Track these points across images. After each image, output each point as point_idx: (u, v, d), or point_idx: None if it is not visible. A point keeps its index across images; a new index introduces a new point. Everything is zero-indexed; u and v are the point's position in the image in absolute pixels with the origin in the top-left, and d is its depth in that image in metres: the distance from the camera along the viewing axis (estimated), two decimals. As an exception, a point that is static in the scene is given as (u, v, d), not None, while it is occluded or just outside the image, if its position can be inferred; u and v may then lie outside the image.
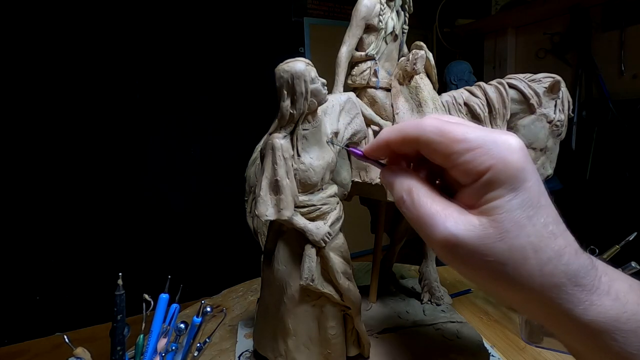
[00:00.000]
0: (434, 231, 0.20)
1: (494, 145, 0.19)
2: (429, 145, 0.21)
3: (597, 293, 0.20)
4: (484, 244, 0.19)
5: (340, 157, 0.44)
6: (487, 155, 0.19)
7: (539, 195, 0.20)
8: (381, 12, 0.48)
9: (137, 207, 1.49)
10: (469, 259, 0.20)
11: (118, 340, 0.37)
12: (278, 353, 0.42)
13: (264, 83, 1.53)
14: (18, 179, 1.29)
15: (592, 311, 0.19)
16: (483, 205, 0.20)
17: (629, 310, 0.19)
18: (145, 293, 0.43)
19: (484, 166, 0.19)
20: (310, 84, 0.34)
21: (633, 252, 0.51)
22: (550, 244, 0.19)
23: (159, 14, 1.46)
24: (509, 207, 0.19)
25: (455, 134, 0.20)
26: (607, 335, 0.19)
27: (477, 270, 0.20)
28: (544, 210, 0.20)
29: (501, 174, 0.19)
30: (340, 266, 0.40)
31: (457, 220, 0.20)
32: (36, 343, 1.32)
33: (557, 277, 0.19)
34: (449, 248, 0.20)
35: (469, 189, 0.21)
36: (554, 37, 1.44)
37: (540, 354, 0.51)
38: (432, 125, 0.21)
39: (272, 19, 1.68)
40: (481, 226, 0.20)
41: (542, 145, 0.49)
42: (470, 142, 0.20)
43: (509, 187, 0.19)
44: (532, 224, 0.19)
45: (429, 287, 0.58)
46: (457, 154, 0.20)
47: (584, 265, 0.20)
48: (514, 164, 0.19)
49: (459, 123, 0.21)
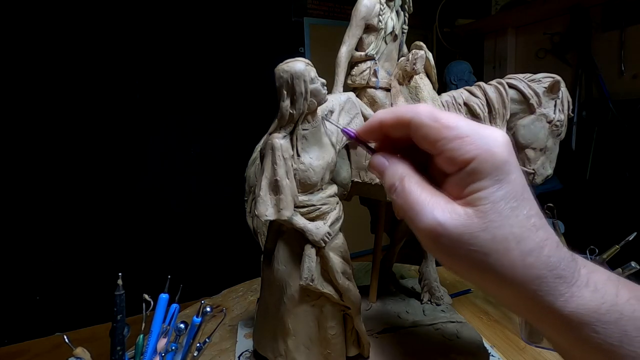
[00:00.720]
0: (422, 218, 0.21)
1: (481, 137, 0.20)
2: (420, 129, 0.22)
3: (577, 285, 0.20)
4: (468, 233, 0.20)
5: (340, 157, 0.44)
6: (474, 144, 0.20)
7: (523, 188, 0.20)
8: (381, 12, 0.48)
9: (137, 207, 1.49)
10: (453, 248, 0.20)
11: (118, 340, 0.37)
12: (278, 353, 0.42)
13: (264, 83, 1.53)
14: (18, 179, 1.29)
15: (573, 303, 0.20)
16: (468, 196, 0.20)
17: (608, 301, 0.20)
18: (145, 293, 0.43)
19: (469, 155, 0.20)
20: (309, 84, 0.35)
21: (633, 252, 0.51)
22: (532, 235, 0.20)
23: (159, 14, 1.46)
24: (493, 198, 0.20)
25: (446, 120, 0.21)
26: (588, 327, 0.20)
27: (460, 260, 0.21)
28: (527, 203, 0.20)
29: (486, 164, 0.20)
30: (340, 266, 0.40)
31: (444, 209, 0.21)
32: (36, 343, 1.32)
33: (538, 269, 0.20)
34: (434, 236, 0.21)
35: (454, 178, 0.21)
36: (554, 37, 1.44)
37: (540, 354, 0.51)
38: (426, 109, 0.22)
39: (272, 19, 1.68)
40: (466, 216, 0.20)
41: (542, 145, 0.49)
42: (459, 129, 0.20)
43: (494, 179, 0.20)
44: (515, 215, 0.20)
45: (429, 287, 0.58)
46: (445, 139, 0.20)
47: (564, 258, 0.20)
48: (499, 156, 0.20)
49: (453, 114, 0.22)
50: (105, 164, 1.42)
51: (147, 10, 1.44)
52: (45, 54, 1.29)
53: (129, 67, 1.43)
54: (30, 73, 1.27)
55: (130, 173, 1.47)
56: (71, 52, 1.32)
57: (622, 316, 0.20)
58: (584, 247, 0.54)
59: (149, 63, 1.46)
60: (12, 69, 1.25)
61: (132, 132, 1.46)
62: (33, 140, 1.30)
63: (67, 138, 1.35)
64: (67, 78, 1.33)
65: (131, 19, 1.41)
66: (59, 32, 1.30)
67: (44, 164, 1.32)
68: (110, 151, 1.42)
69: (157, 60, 1.47)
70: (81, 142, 1.37)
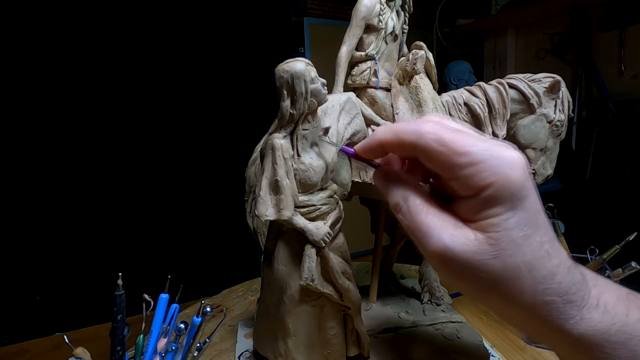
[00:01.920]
0: (429, 242, 0.20)
1: (497, 161, 0.19)
2: (427, 154, 0.20)
3: (587, 307, 0.20)
4: (478, 260, 0.19)
5: (340, 157, 0.44)
6: (490, 171, 0.19)
7: (537, 214, 0.20)
8: (381, 12, 0.48)
9: (137, 207, 1.49)
10: (462, 273, 0.20)
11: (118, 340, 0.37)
12: (278, 353, 0.42)
13: (264, 83, 1.53)
14: (18, 179, 1.29)
15: (582, 325, 0.19)
16: (481, 221, 0.20)
17: (618, 322, 0.20)
18: (145, 293, 0.43)
19: (485, 182, 0.19)
20: (310, 84, 0.34)
21: (633, 252, 0.51)
22: (545, 263, 0.19)
23: (159, 14, 1.46)
24: (506, 226, 0.19)
25: (457, 145, 0.19)
26: (597, 348, 0.19)
27: (469, 284, 0.20)
28: (541, 230, 0.20)
29: (502, 191, 0.19)
30: (340, 266, 0.40)
31: (452, 234, 0.20)
32: (36, 343, 1.32)
33: (549, 295, 0.19)
34: (442, 260, 0.20)
35: (468, 201, 0.20)
36: (554, 37, 1.44)
37: (540, 354, 0.51)
38: (431, 132, 0.20)
39: (272, 19, 1.68)
40: (477, 241, 0.19)
41: (542, 145, 0.49)
42: (472, 155, 0.19)
43: (509, 205, 0.19)
44: (528, 243, 0.19)
45: (429, 287, 0.58)
46: (458, 167, 0.19)
47: (576, 282, 0.20)
48: (516, 182, 0.19)
49: (460, 131, 0.20)
50: (105, 163, 1.42)
51: (146, 9, 1.43)
52: (45, 54, 1.29)
53: (129, 67, 1.43)
54: (30, 73, 1.27)
55: (130, 173, 1.47)
56: (71, 52, 1.32)
57: (631, 337, 0.19)
58: (584, 247, 0.54)
59: (149, 63, 1.46)
60: (12, 68, 1.24)
61: (132, 132, 1.46)
62: (33, 140, 1.30)
63: (67, 138, 1.35)
64: (67, 78, 1.33)
65: (131, 19, 1.41)
66: (58, 31, 1.30)
67: (43, 164, 1.32)
68: (110, 151, 1.42)
69: (157, 60, 1.47)
70: (81, 142, 1.37)
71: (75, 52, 1.33)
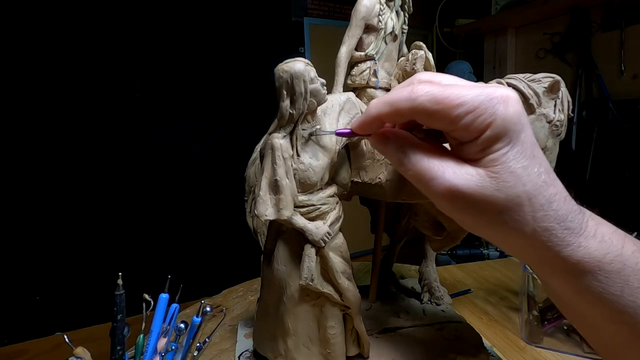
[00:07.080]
0: (435, 183, 0.21)
1: (491, 102, 0.20)
2: (425, 115, 0.21)
3: (584, 235, 0.21)
4: (482, 193, 0.20)
5: (340, 157, 0.44)
6: (486, 113, 0.20)
7: (533, 147, 0.21)
8: (381, 12, 0.48)
9: (137, 206, 1.49)
10: (467, 207, 0.21)
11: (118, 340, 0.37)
12: (278, 353, 0.42)
13: (264, 83, 1.53)
14: (18, 178, 1.29)
15: (580, 252, 0.20)
16: (482, 159, 0.21)
17: (613, 252, 0.21)
18: (145, 293, 0.43)
19: (483, 125, 0.20)
20: (309, 84, 0.34)
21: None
22: (543, 192, 0.20)
23: (159, 14, 1.46)
24: (505, 159, 0.20)
25: (450, 99, 0.20)
26: (590, 275, 0.21)
27: (475, 218, 0.22)
28: (537, 160, 0.21)
29: (500, 128, 0.20)
30: (340, 266, 0.40)
31: (455, 172, 0.21)
32: (36, 343, 1.32)
33: (547, 222, 0.20)
34: (449, 198, 0.21)
35: (469, 145, 0.21)
36: (554, 37, 1.44)
37: (540, 354, 0.51)
38: (425, 94, 0.21)
39: (272, 19, 1.68)
40: (479, 176, 0.21)
41: (542, 145, 0.49)
42: (467, 104, 0.20)
43: (506, 140, 0.20)
44: (527, 173, 0.20)
45: (429, 287, 0.58)
46: (456, 118, 0.20)
47: (572, 210, 0.21)
48: (511, 117, 0.20)
49: (450, 84, 0.21)
50: (104, 163, 1.42)
51: (146, 9, 1.43)
52: (45, 54, 1.29)
53: (129, 66, 1.43)
54: (30, 73, 1.27)
55: (130, 172, 1.47)
56: (71, 51, 1.32)
57: (625, 267, 0.20)
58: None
59: (149, 63, 1.46)
60: (11, 68, 1.25)
61: (132, 132, 1.46)
62: (33, 140, 1.30)
63: (67, 137, 1.35)
64: (66, 78, 1.33)
65: (131, 19, 1.41)
66: (58, 31, 1.30)
67: (43, 164, 1.32)
68: (109, 151, 1.42)
69: (157, 59, 1.47)
70: (81, 141, 1.37)
71: (75, 52, 1.33)
